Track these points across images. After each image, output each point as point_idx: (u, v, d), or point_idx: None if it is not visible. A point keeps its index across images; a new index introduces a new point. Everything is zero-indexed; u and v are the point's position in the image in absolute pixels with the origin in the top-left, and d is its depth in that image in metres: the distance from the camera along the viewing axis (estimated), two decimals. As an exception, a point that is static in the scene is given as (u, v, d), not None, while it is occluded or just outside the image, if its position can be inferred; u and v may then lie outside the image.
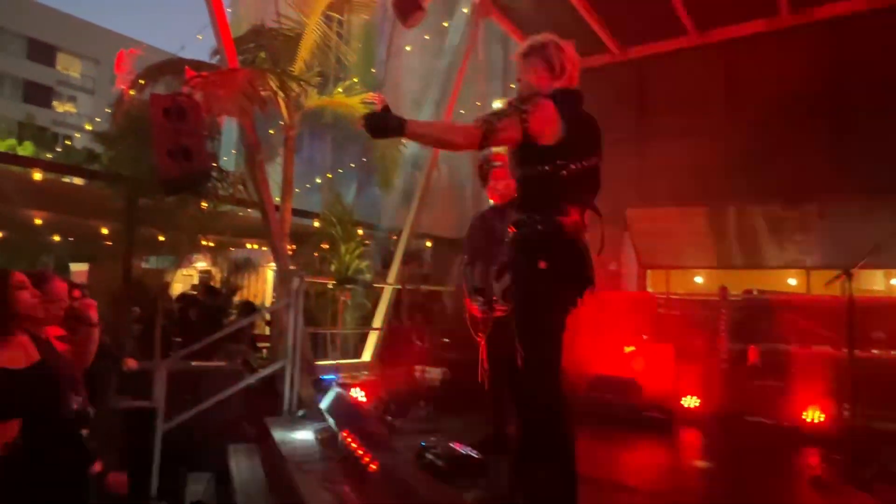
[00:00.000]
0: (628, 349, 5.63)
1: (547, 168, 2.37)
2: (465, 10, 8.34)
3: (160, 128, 4.32)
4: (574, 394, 5.46)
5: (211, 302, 8.42)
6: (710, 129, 7.13)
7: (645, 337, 5.82)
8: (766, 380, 4.73)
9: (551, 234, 2.38)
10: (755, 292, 5.63)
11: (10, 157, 10.30)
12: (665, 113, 7.85)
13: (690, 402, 5.08)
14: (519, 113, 2.32)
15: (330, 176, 12.05)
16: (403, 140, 7.75)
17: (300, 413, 4.52)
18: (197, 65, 5.74)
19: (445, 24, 9.08)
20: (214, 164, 5.05)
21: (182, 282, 13.41)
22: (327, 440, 3.76)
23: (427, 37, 10.02)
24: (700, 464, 4.22)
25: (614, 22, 7.77)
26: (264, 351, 7.05)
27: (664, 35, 7.72)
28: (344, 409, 4.02)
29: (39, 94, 32.58)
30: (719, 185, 6.90)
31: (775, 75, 6.64)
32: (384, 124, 2.28)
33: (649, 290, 7.85)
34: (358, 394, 4.63)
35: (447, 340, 6.86)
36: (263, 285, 14.03)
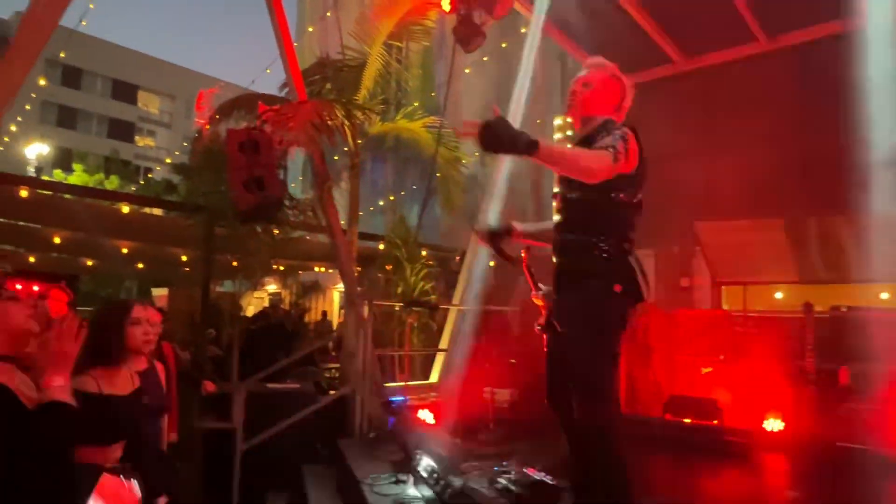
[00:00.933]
0: (705, 370, 5.40)
1: (622, 196, 2.42)
2: (524, 30, 8.38)
3: (236, 161, 4.54)
4: (649, 416, 5.30)
5: (264, 324, 8.63)
6: (784, 137, 6.82)
7: (722, 357, 5.57)
8: (860, 403, 4.41)
9: (623, 257, 2.44)
10: (844, 308, 5.29)
11: (99, 192, 11.11)
12: (734, 122, 7.58)
13: (774, 425, 4.81)
14: (624, 142, 2.32)
15: (392, 198, 12.27)
16: (464, 161, 7.81)
17: (371, 435, 4.57)
18: (269, 99, 6.03)
19: (504, 45, 9.16)
20: (286, 193, 5.24)
21: (254, 304, 13.91)
22: (400, 463, 3.78)
23: (485, 58, 10.10)
24: (786, 493, 3.97)
25: (677, 32, 7.60)
26: (334, 370, 7.19)
27: (731, 42, 7.48)
28: (415, 432, 4.04)
29: (123, 130, 35.04)
30: (796, 195, 6.56)
31: (855, 76, 6.29)
32: (511, 137, 2.04)
33: (724, 307, 7.52)
34: (426, 416, 4.64)
35: (514, 361, 6.80)
36: (330, 306, 14.38)
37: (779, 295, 7.52)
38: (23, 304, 1.79)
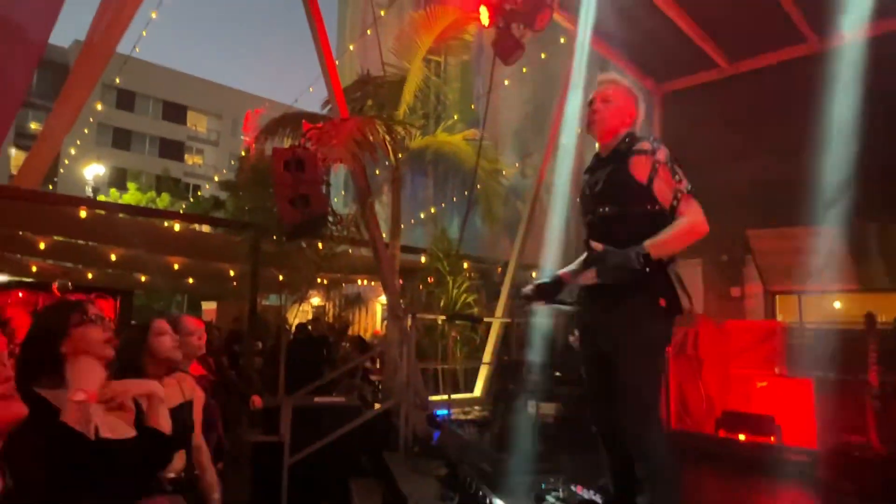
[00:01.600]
0: (760, 384, 5.20)
1: (658, 206, 2.41)
2: (563, 41, 8.34)
3: (281, 179, 4.64)
4: (700, 431, 5.13)
5: (302, 336, 8.68)
6: (839, 139, 6.56)
7: (777, 370, 5.35)
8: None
9: (663, 269, 2.39)
10: (909, 319, 5.02)
11: (152, 211, 11.57)
12: (784, 125, 7.35)
13: (835, 443, 4.58)
14: (676, 164, 2.41)
15: (434, 210, 12.32)
16: (504, 172, 7.79)
17: (416, 449, 4.57)
18: (312, 117, 6.15)
19: (543, 56, 9.12)
20: (329, 209, 5.33)
21: (299, 317, 14.15)
22: (444, 478, 3.75)
23: (525, 70, 10.09)
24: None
25: (722, 36, 7.44)
26: (378, 383, 7.23)
27: (778, 44, 7.27)
28: (458, 446, 4.01)
29: (173, 149, 36.41)
30: (854, 200, 6.30)
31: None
32: (625, 265, 2.20)
33: (779, 317, 7.24)
34: (470, 430, 4.60)
35: (559, 374, 6.69)
36: (373, 319, 14.50)
37: (837, 304, 7.20)
38: (102, 326, 1.84)
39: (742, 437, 4.83)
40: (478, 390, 6.46)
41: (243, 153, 6.72)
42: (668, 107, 9.20)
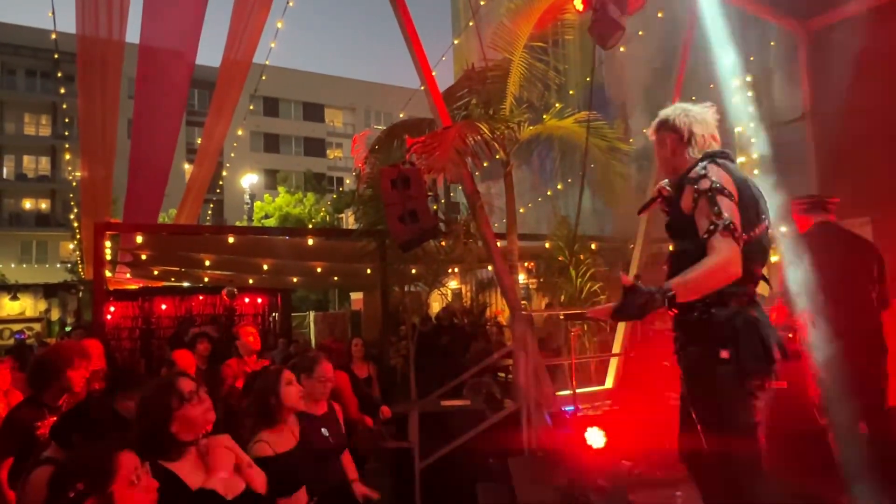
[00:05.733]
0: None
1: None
2: (680, -5, 7.62)
3: (389, 197, 4.82)
4: (875, 434, 4.54)
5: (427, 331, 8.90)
6: None
7: None
8: None
9: (728, 316, 2.18)
10: None
11: (289, 231, 12.89)
12: None
13: None
14: (712, 201, 2.15)
15: (561, 186, 12.08)
16: (623, 148, 7.36)
17: (539, 454, 4.60)
18: (418, 124, 6.29)
19: (660, 15, 8.42)
20: (438, 221, 5.44)
21: (438, 301, 14.72)
22: (564, 489, 3.76)
23: (641, 32, 9.41)
24: None
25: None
26: (509, 376, 7.32)
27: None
28: (580, 453, 3.98)
29: (316, 147, 39.16)
30: None
31: None
32: (644, 306, 2.01)
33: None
34: (595, 434, 4.51)
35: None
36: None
37: None
38: (198, 399, 2.14)
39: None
40: (609, 381, 6.30)
41: (356, 174, 7.18)
42: (819, 48, 8.04)
